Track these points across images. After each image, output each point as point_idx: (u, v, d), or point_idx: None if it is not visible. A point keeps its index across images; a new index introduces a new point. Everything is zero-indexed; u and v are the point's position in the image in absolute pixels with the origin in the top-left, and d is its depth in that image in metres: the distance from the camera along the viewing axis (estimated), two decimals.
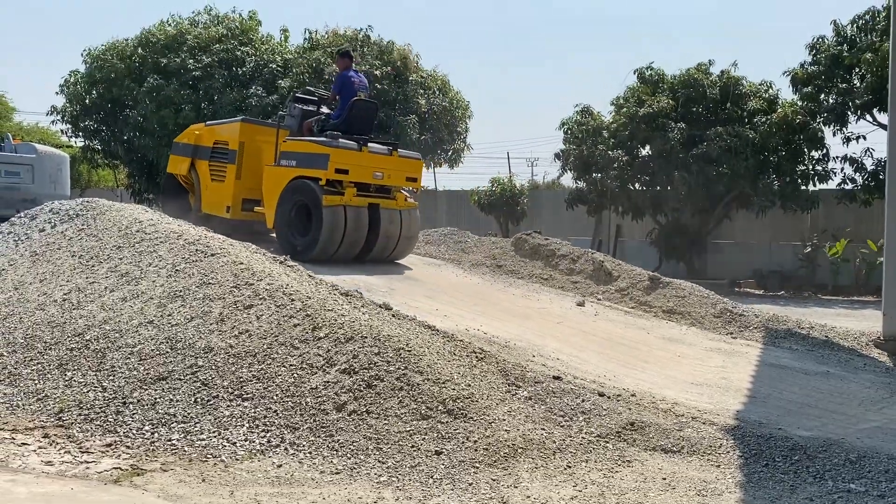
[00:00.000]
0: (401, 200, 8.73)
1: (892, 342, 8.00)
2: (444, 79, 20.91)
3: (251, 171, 9.07)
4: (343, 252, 8.26)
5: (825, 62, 16.32)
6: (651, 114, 17.21)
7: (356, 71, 9.10)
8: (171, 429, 4.22)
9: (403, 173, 8.82)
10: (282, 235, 8.45)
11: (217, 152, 9.37)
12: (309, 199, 8.18)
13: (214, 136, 9.48)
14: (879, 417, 5.34)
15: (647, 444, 4.35)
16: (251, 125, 9.43)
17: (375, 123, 9.57)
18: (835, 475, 4.03)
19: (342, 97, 8.76)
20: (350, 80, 8.75)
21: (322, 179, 8.10)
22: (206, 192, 9.42)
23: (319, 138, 8.36)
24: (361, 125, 8.80)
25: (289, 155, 8.49)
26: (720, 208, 18.00)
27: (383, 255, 8.69)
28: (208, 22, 20.80)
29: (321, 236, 8.01)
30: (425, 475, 3.83)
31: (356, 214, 8.25)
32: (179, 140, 10.00)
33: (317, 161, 8.15)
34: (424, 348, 4.93)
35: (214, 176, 9.36)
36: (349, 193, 8.20)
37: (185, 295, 5.47)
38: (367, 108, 9.01)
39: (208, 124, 9.95)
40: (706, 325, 8.15)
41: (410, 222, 8.79)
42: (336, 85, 8.92)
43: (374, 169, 8.46)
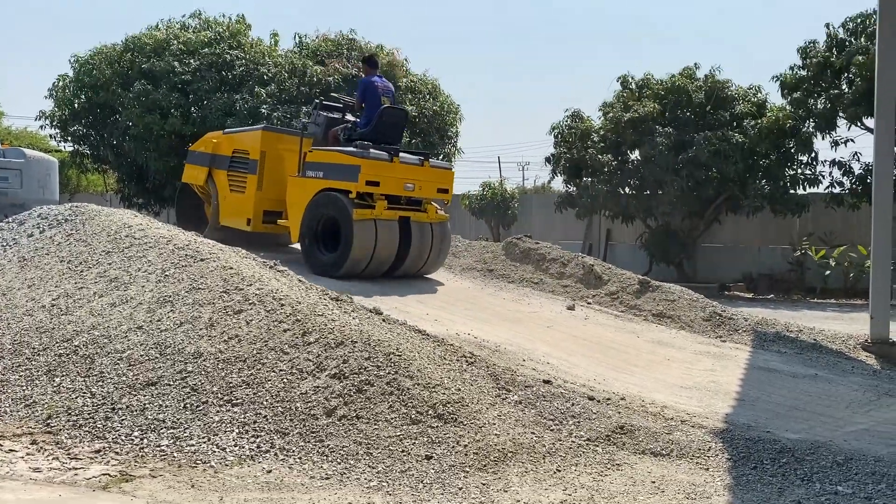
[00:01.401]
0: (432, 213, 8.39)
1: (880, 345, 8.05)
2: (434, 83, 20.94)
3: (273, 182, 8.67)
4: (372, 269, 7.92)
5: (815, 67, 16.45)
6: (637, 118, 17.31)
7: (380, 76, 8.72)
8: (160, 434, 4.20)
9: (435, 184, 8.45)
10: (307, 251, 8.08)
11: (236, 162, 8.94)
12: (337, 213, 7.80)
13: (233, 145, 9.04)
14: (866, 420, 5.37)
15: (636, 447, 4.37)
16: (273, 133, 9.03)
17: (405, 132, 9.18)
18: (822, 477, 4.05)
19: (367, 104, 8.39)
20: (374, 86, 8.38)
21: (352, 192, 7.73)
22: (224, 203, 8.99)
23: (348, 148, 7.97)
24: (390, 134, 8.47)
25: (315, 165, 8.10)
26: (710, 212, 18.09)
27: (413, 270, 8.38)
28: (198, 26, 20.77)
29: (351, 252, 7.64)
30: (415, 480, 3.83)
31: (387, 228, 7.89)
32: (196, 148, 9.55)
33: (346, 172, 7.78)
34: (415, 353, 4.94)
35: (234, 186, 8.92)
36: (380, 206, 7.83)
37: (175, 300, 5.46)
38: (396, 115, 8.63)
39: (226, 132, 9.53)
40: (695, 328, 8.18)
41: (443, 235, 8.47)
42: (360, 91, 8.54)
43: (406, 180, 8.09)
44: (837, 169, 16.79)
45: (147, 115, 18.64)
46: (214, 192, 9.08)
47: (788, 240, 18.06)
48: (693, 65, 18.24)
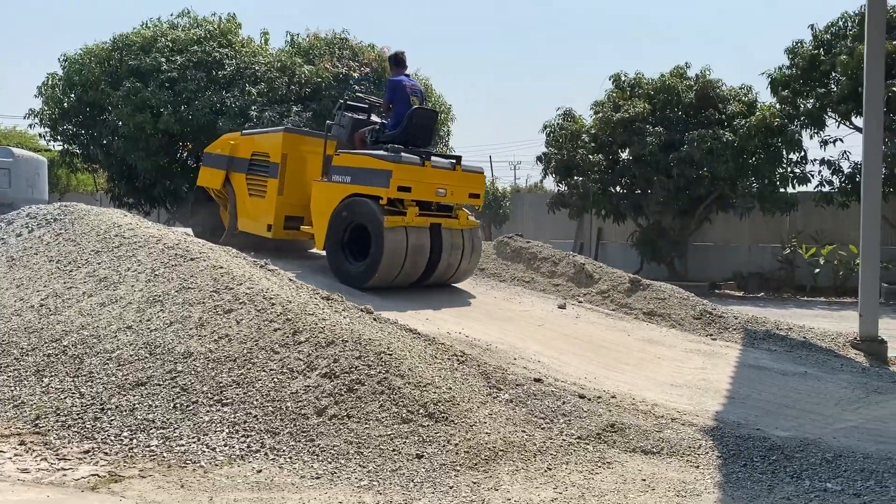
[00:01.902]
0: (463, 219, 8.02)
1: (869, 343, 8.10)
2: (425, 82, 20.95)
3: (295, 186, 8.26)
4: (402, 279, 7.56)
5: (803, 65, 16.55)
6: (627, 118, 17.36)
7: (408, 76, 8.31)
8: (149, 435, 4.18)
9: (466, 189, 8.02)
10: (334, 260, 7.67)
11: (256, 165, 8.50)
12: (366, 220, 7.39)
13: (253, 147, 8.59)
14: (856, 417, 5.40)
15: (626, 445, 4.38)
16: (295, 135, 8.59)
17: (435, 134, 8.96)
18: (812, 474, 4.07)
19: (396, 105, 7.98)
20: (402, 86, 8.00)
21: (383, 198, 7.31)
22: (242, 208, 8.56)
23: (378, 152, 7.54)
24: (420, 136, 8.04)
25: (342, 170, 7.66)
26: (700, 211, 18.16)
27: (444, 278, 8.05)
28: (187, 25, 20.70)
29: (381, 262, 7.24)
30: (406, 479, 3.82)
31: (418, 236, 7.52)
32: (212, 150, 9.12)
33: (376, 178, 7.35)
34: (406, 352, 4.93)
35: (253, 191, 8.48)
36: (411, 213, 7.43)
37: (165, 299, 5.43)
38: (427, 117, 8.22)
39: (244, 133, 9.07)
40: (686, 326, 8.21)
41: (473, 242, 8.12)
42: (388, 92, 8.11)
43: (437, 185, 7.68)
44: (827, 168, 16.90)
45: (137, 114, 18.57)
46: (232, 197, 8.70)
47: (778, 238, 18.14)
48: (684, 64, 18.33)
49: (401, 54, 8.35)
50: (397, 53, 8.37)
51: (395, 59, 8.38)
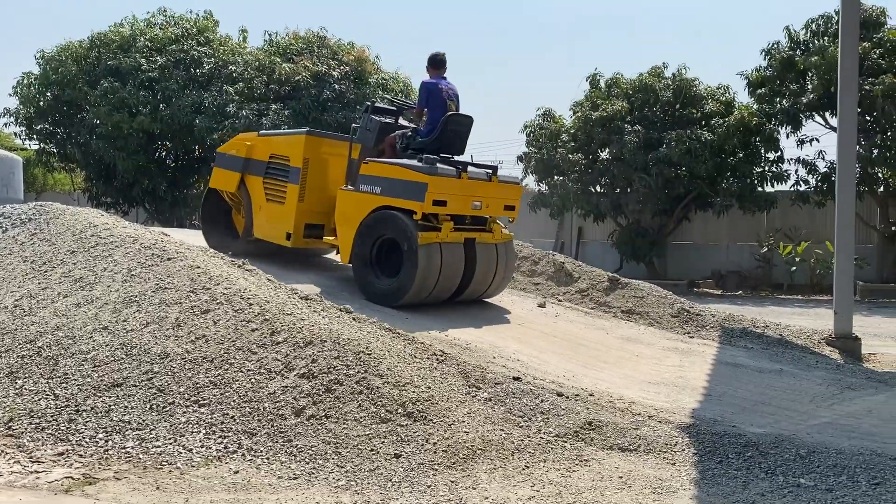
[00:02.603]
0: (497, 233, 7.55)
1: (843, 340, 8.20)
2: (406, 81, 20.94)
3: (316, 192, 7.74)
4: (434, 296, 7.13)
5: (778, 66, 16.73)
6: (605, 117, 17.47)
7: (445, 78, 7.67)
8: (125, 436, 4.15)
9: (502, 201, 7.53)
10: (362, 277, 7.19)
11: (274, 168, 7.94)
12: (398, 235, 6.90)
13: (271, 149, 8.05)
14: (829, 413, 5.47)
15: (604, 443, 4.41)
16: (317, 138, 7.96)
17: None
18: (786, 470, 4.12)
19: (430, 109, 7.44)
20: (438, 90, 7.44)
21: (417, 213, 6.80)
22: (259, 214, 8.04)
23: (412, 162, 7.00)
24: (455, 143, 7.55)
25: (371, 179, 7.11)
26: (679, 210, 18.30)
27: (476, 295, 7.64)
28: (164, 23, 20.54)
29: (415, 280, 6.78)
30: (384, 478, 3.82)
31: (452, 252, 7.06)
32: (226, 150, 8.57)
33: (411, 190, 6.83)
34: (385, 351, 4.93)
35: (270, 196, 7.93)
36: (446, 229, 6.96)
37: (141, 300, 5.39)
38: (463, 123, 7.63)
39: (262, 134, 8.55)
40: (664, 324, 8.27)
41: (507, 257, 7.67)
42: (422, 95, 7.53)
43: (473, 198, 7.19)
44: (803, 167, 17.11)
45: (115, 113, 18.42)
46: (247, 201, 8.17)
47: (756, 237, 18.33)
48: (661, 64, 18.46)
49: (440, 56, 7.74)
50: (436, 54, 7.75)
51: (432, 60, 7.72)
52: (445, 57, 7.73)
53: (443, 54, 7.72)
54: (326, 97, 18.34)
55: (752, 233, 18.55)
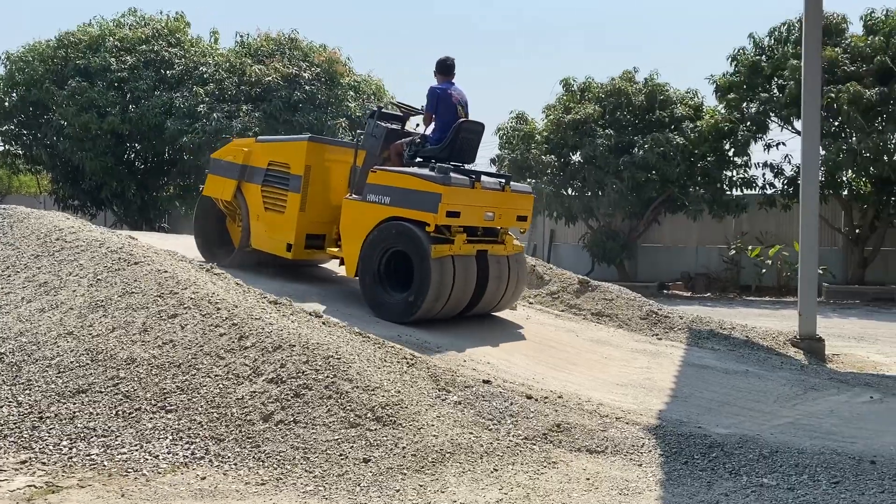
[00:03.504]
0: (509, 244, 7.30)
1: (808, 341, 8.36)
2: (378, 83, 20.93)
3: (318, 201, 7.44)
4: (446, 312, 6.87)
5: (745, 72, 17.01)
6: (578, 120, 17.62)
7: (453, 83, 7.40)
8: (90, 443, 4.10)
9: (514, 212, 7.29)
10: (370, 291, 6.87)
11: (273, 176, 7.61)
12: (409, 248, 6.62)
13: (270, 156, 7.70)
14: (792, 413, 5.58)
15: (572, 444, 4.45)
16: (319, 144, 7.62)
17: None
18: (749, 470, 4.19)
19: (439, 116, 7.19)
20: (448, 95, 7.20)
21: (430, 225, 6.52)
22: (256, 223, 7.70)
23: (423, 171, 6.73)
24: (466, 151, 7.31)
25: (380, 189, 6.80)
26: (649, 213, 18.51)
27: (487, 309, 7.42)
28: (134, 23, 20.31)
29: (428, 295, 6.51)
30: (353, 483, 3.82)
31: (464, 266, 6.79)
32: (221, 157, 8.17)
33: (422, 201, 6.55)
34: (354, 355, 4.93)
35: (269, 205, 7.60)
36: (459, 241, 6.69)
37: (107, 305, 5.33)
38: (475, 130, 7.39)
39: (260, 140, 8.12)
40: (633, 326, 8.36)
41: (519, 270, 7.45)
42: (431, 101, 7.25)
43: (486, 208, 6.94)
44: (770, 171, 17.41)
45: (83, 114, 18.17)
46: (245, 210, 7.82)
47: (725, 240, 18.60)
48: (632, 68, 18.67)
49: (448, 60, 7.44)
50: (444, 59, 7.45)
51: (441, 65, 7.44)
52: (454, 62, 7.45)
53: (451, 59, 7.44)
54: (298, 98, 18.27)
55: (720, 235, 18.82)
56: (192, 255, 7.17)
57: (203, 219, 8.42)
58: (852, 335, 10.78)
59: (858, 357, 8.58)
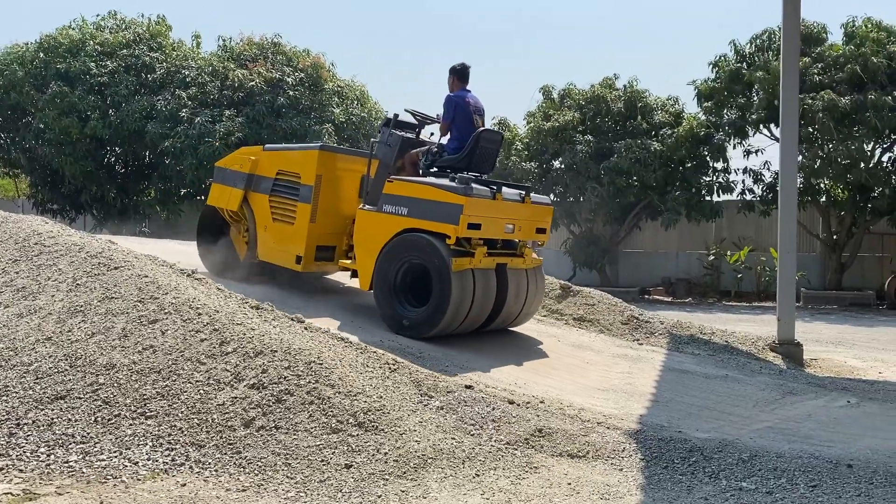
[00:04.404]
0: (528, 258, 7.15)
1: (786, 346, 8.45)
2: (362, 89, 20.93)
3: (328, 212, 7.26)
4: (465, 327, 6.72)
5: (725, 78, 17.20)
6: (558, 126, 17.73)
7: (469, 91, 7.23)
8: (68, 450, 4.06)
9: (534, 224, 7.14)
10: (386, 305, 6.68)
11: (282, 185, 7.43)
12: (428, 261, 6.41)
13: (278, 165, 7.51)
14: (771, 417, 5.63)
15: (553, 449, 4.47)
16: (331, 153, 7.42)
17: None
18: (728, 474, 4.23)
19: (457, 125, 7.02)
20: (465, 103, 7.03)
21: (450, 237, 6.33)
22: (264, 234, 7.51)
23: (443, 181, 6.54)
24: (485, 161, 7.15)
25: (397, 199, 6.61)
26: (630, 218, 18.63)
27: (505, 323, 7.27)
28: (114, 27, 20.17)
29: (448, 310, 6.32)
30: (334, 489, 3.81)
31: (485, 279, 6.63)
32: (227, 165, 7.96)
33: (443, 212, 6.34)
34: (336, 361, 4.92)
35: (278, 215, 7.42)
36: (479, 254, 6.50)
37: (87, 310, 5.28)
38: (493, 140, 7.28)
39: (268, 148, 7.88)
40: (614, 331, 8.41)
41: (538, 283, 7.30)
42: (448, 109, 7.06)
43: (506, 221, 6.76)
44: (749, 176, 17.60)
45: (64, 118, 18.01)
46: (251, 221, 7.64)
47: (704, 245, 18.77)
48: (612, 75, 18.82)
49: (465, 67, 7.25)
50: (461, 66, 7.26)
51: (457, 71, 7.23)
52: (469, 68, 7.27)
53: (467, 66, 7.27)
54: (281, 103, 18.22)
55: (701, 241, 19.00)
56: (172, 259, 7.12)
57: (206, 228, 8.23)
58: (830, 340, 10.91)
59: (836, 362, 8.69)
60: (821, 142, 16.08)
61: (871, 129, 15.25)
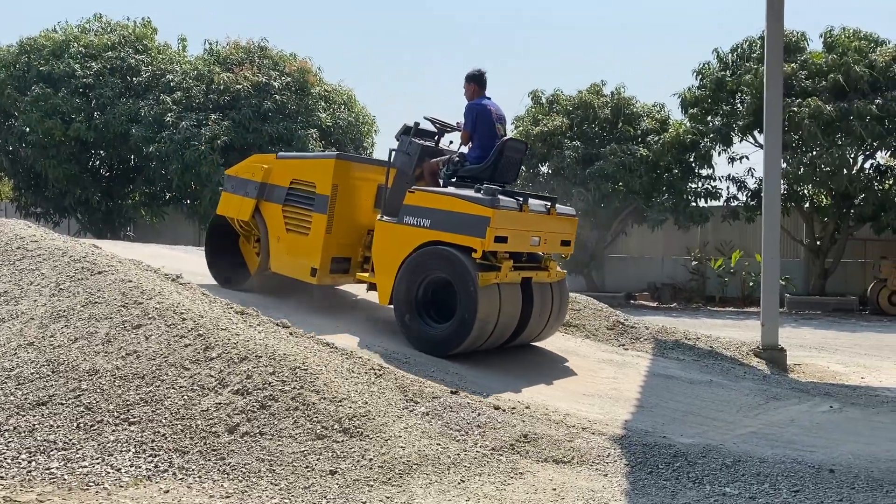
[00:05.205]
0: (553, 271, 6.98)
1: (770, 351, 8.51)
2: (349, 93, 20.92)
3: (344, 222, 7.07)
4: (489, 343, 6.54)
5: (710, 86, 17.34)
6: (546, 132, 17.81)
7: (489, 98, 7.07)
8: (49, 456, 4.01)
9: (559, 236, 6.98)
10: (407, 322, 6.47)
11: (297, 195, 7.23)
12: (453, 276, 6.19)
13: (293, 174, 7.29)
14: (755, 423, 5.67)
15: (539, 455, 4.47)
16: (347, 162, 7.18)
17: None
18: (712, 479, 4.25)
19: (479, 134, 6.84)
20: (487, 111, 6.86)
21: (477, 251, 6.10)
22: (277, 245, 7.32)
23: (469, 192, 6.30)
24: (509, 171, 6.99)
25: (418, 210, 6.40)
26: (616, 224, 18.72)
27: (529, 339, 7.11)
28: (99, 29, 20.06)
29: (474, 327, 6.11)
30: (318, 496, 3.80)
31: (510, 294, 6.44)
32: (238, 173, 7.72)
33: (469, 225, 6.12)
34: (322, 367, 4.91)
35: (291, 226, 7.22)
36: (506, 268, 6.30)
37: (70, 315, 5.24)
38: (518, 149, 7.11)
39: (281, 156, 7.65)
40: (600, 337, 8.44)
41: (562, 297, 7.14)
42: (469, 117, 6.89)
43: (532, 233, 6.56)
44: (733, 183, 17.74)
45: (47, 120, 17.88)
46: (263, 231, 7.44)
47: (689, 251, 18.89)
48: (600, 82, 18.93)
49: (482, 73, 7.07)
50: (479, 72, 7.07)
51: (476, 78, 7.04)
52: (486, 74, 7.09)
53: (484, 71, 7.08)
54: (267, 108, 18.18)
55: (685, 247, 19.11)
56: (157, 263, 7.08)
57: (215, 237, 8.03)
58: (813, 345, 11.00)
59: (819, 367, 8.75)
60: (804, 149, 16.22)
61: (857, 137, 15.41)
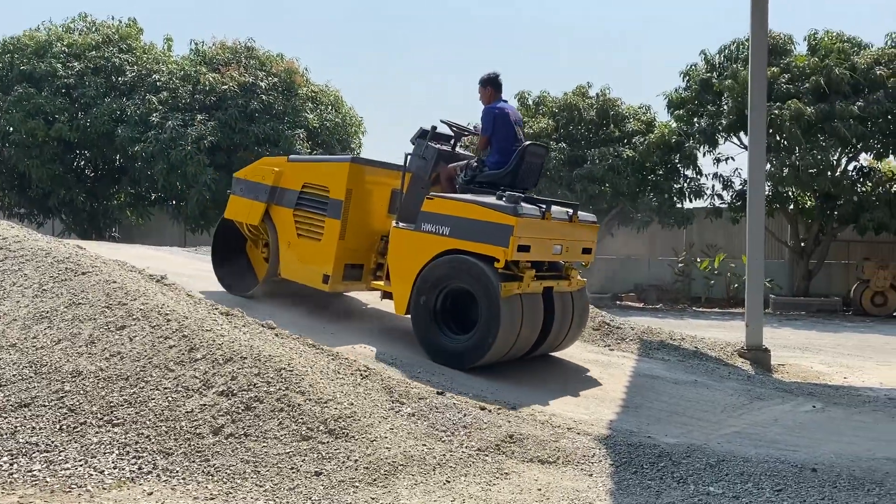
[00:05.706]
0: (574, 279, 6.83)
1: (754, 352, 8.57)
2: (336, 94, 20.88)
3: (358, 228, 6.88)
4: (511, 355, 6.36)
5: (696, 88, 17.45)
6: (532, 134, 17.87)
7: (506, 101, 6.92)
8: (31, 459, 3.98)
9: (580, 244, 6.79)
10: (425, 333, 6.29)
11: (308, 199, 7.04)
12: (474, 286, 6.00)
13: (305, 177, 7.11)
14: (739, 423, 5.71)
15: (524, 455, 4.48)
16: (361, 167, 6.96)
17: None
18: (696, 479, 4.27)
19: (498, 138, 6.67)
20: (505, 115, 6.70)
21: (500, 260, 5.91)
22: (287, 250, 7.13)
23: (490, 199, 6.12)
24: (529, 177, 6.83)
25: (437, 218, 6.21)
26: (603, 225, 18.79)
27: (550, 349, 6.96)
28: (84, 29, 19.91)
29: (496, 339, 5.94)
30: (304, 497, 3.79)
31: (533, 305, 6.27)
32: (247, 176, 7.50)
33: (490, 233, 5.92)
34: (307, 368, 4.89)
35: (303, 231, 7.03)
36: (528, 277, 6.11)
37: (53, 316, 5.20)
38: (539, 154, 6.92)
39: (293, 159, 7.41)
40: (585, 337, 8.46)
41: (583, 306, 7.02)
42: (487, 122, 6.71)
43: (554, 241, 6.36)
44: (719, 182, 17.86)
45: (29, 120, 17.72)
46: (273, 236, 7.27)
47: (675, 252, 19.00)
48: (586, 83, 18.99)
49: (497, 76, 6.91)
50: (494, 75, 6.92)
51: (492, 81, 6.88)
52: (500, 76, 6.94)
53: (498, 74, 6.92)
54: (254, 108, 18.12)
55: (671, 248, 19.22)
56: (142, 264, 7.04)
57: (222, 241, 7.86)
58: (797, 346, 11.09)
59: (803, 367, 8.83)
60: (788, 151, 16.36)
61: (839, 138, 15.54)
